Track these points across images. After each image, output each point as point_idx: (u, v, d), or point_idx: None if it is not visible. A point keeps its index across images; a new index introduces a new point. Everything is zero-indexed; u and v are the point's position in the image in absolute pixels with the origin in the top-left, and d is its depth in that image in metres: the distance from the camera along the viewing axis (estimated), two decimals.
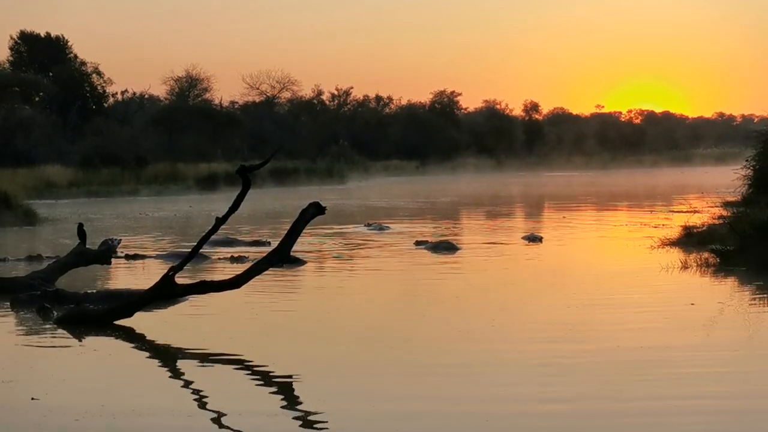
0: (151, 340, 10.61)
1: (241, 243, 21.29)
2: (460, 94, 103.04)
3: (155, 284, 11.44)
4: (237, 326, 11.38)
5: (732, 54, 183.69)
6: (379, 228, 25.42)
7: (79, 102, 73.04)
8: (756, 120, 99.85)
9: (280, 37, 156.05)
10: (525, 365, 8.94)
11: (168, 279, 11.26)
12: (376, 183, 67.11)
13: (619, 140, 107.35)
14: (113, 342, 10.65)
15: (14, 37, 79.06)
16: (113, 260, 15.85)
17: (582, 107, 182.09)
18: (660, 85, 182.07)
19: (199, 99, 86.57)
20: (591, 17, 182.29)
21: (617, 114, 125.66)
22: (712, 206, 22.94)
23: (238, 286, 11.49)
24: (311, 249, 19.83)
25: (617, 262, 17.73)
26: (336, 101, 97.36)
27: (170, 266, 11.69)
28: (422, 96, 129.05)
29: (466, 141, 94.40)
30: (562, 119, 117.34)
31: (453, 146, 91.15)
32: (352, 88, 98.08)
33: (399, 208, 36.84)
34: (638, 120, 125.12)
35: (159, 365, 9.60)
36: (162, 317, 11.91)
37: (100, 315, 11.37)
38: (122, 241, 19.51)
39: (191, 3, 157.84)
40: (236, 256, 18.16)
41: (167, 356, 9.91)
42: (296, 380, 8.55)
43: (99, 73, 78.11)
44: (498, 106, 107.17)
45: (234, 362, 9.38)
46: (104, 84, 78.72)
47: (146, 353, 10.15)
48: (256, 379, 8.74)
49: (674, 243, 19.24)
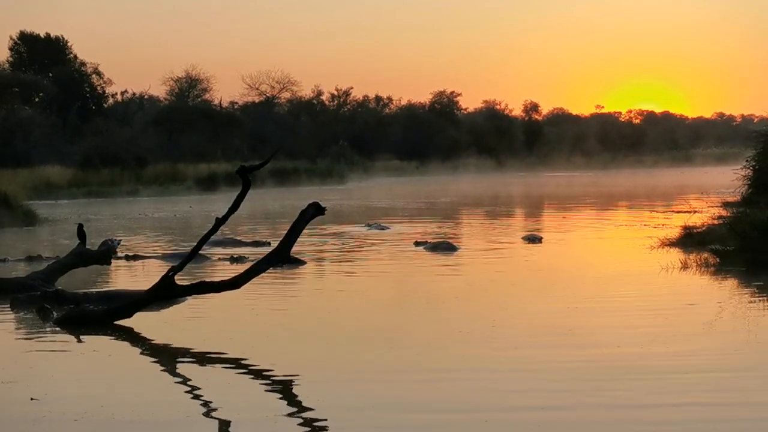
0: (151, 341, 10.61)
1: (241, 243, 21.30)
2: (460, 95, 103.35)
3: (155, 285, 11.44)
4: (237, 326, 11.37)
5: (732, 54, 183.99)
6: (379, 228, 25.42)
7: (79, 102, 73.13)
8: (756, 120, 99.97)
9: (280, 37, 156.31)
10: (526, 367, 8.92)
11: (168, 279, 11.26)
12: (376, 183, 67.10)
13: (619, 140, 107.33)
14: (113, 342, 10.65)
15: (14, 38, 79.23)
16: (113, 261, 15.87)
17: (582, 107, 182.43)
18: (660, 85, 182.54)
19: (199, 99, 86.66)
20: (591, 17, 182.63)
21: (617, 114, 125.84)
22: (712, 206, 22.93)
23: (238, 287, 11.50)
24: (311, 249, 19.83)
25: (617, 263, 17.72)
26: (336, 101, 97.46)
27: (170, 267, 11.69)
28: (422, 96, 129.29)
29: (466, 141, 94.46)
30: (562, 119, 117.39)
31: (453, 147, 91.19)
32: (352, 89, 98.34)
33: (399, 209, 36.85)
34: (638, 120, 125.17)
35: (159, 366, 9.60)
36: (162, 318, 11.91)
37: (100, 315, 11.37)
38: (122, 242, 19.55)
39: (191, 3, 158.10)
40: (236, 257, 18.16)
41: (167, 357, 9.90)
42: (296, 381, 8.54)
43: (99, 74, 78.29)
44: (498, 107, 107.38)
45: (234, 362, 9.38)
46: (104, 84, 78.93)
47: (146, 354, 10.15)
48: (256, 380, 8.74)
49: (674, 243, 19.24)
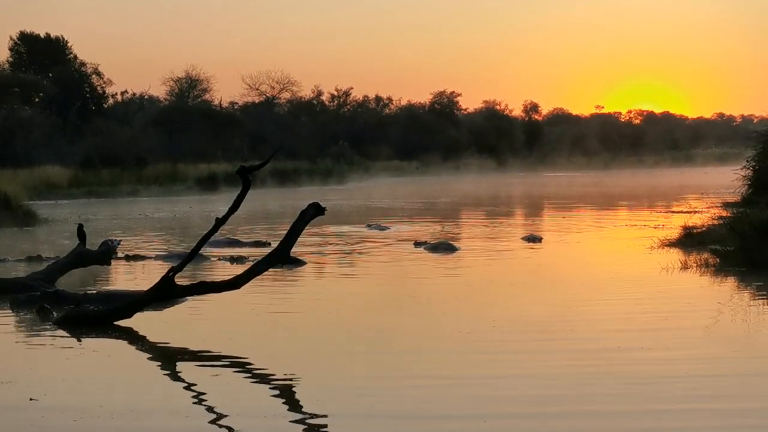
0: (151, 341, 10.61)
1: (241, 243, 21.29)
2: (460, 95, 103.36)
3: (155, 285, 11.43)
4: (237, 327, 11.37)
5: (732, 54, 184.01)
6: (379, 228, 25.42)
7: (79, 102, 73.10)
8: (756, 120, 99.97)
9: (280, 37, 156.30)
10: (527, 368, 8.91)
11: (168, 279, 11.26)
12: (376, 183, 67.09)
13: (619, 140, 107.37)
14: (113, 342, 10.65)
15: (14, 38, 79.21)
16: (113, 261, 15.86)
17: (582, 107, 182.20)
18: (660, 85, 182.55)
19: (199, 99, 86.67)
20: (591, 17, 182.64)
21: (617, 114, 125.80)
22: (712, 206, 22.93)
23: (238, 287, 11.49)
24: (311, 250, 19.83)
25: (617, 263, 17.73)
26: (336, 102, 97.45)
27: (170, 267, 11.68)
28: (422, 96, 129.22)
29: (466, 141, 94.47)
30: (562, 119, 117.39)
31: (453, 147, 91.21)
32: (352, 89, 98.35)
33: (399, 209, 36.84)
34: (638, 120, 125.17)
35: (158, 366, 9.59)
36: (162, 318, 11.90)
37: (100, 316, 11.36)
38: (122, 242, 19.53)
39: (191, 3, 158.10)
40: (236, 257, 18.16)
41: (167, 357, 9.90)
42: (296, 381, 8.54)
43: (99, 74, 78.26)
44: (498, 107, 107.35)
45: (233, 363, 9.37)
46: (104, 84, 78.91)
47: (146, 354, 10.15)
48: (256, 380, 8.73)
49: (674, 243, 19.24)
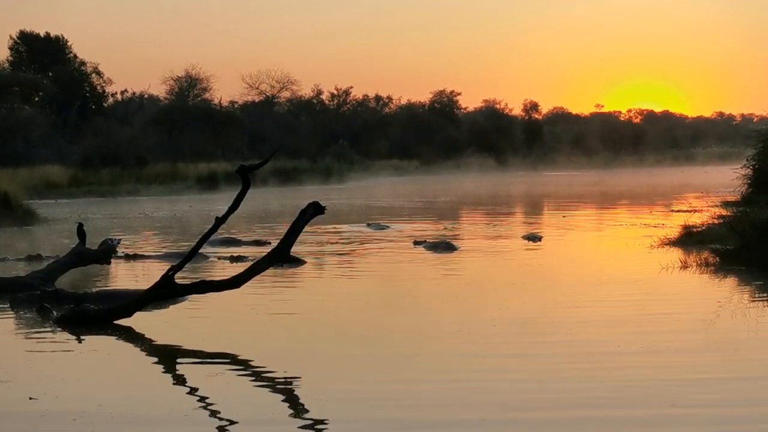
0: (151, 340, 10.60)
1: (241, 243, 21.28)
2: (460, 94, 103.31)
3: (155, 284, 11.43)
4: (237, 326, 11.36)
5: (732, 54, 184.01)
6: (379, 227, 25.42)
7: (79, 102, 73.07)
8: (756, 120, 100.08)
9: (280, 37, 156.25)
10: (527, 369, 8.90)
11: (168, 279, 11.25)
12: (376, 182, 67.07)
13: (619, 140, 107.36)
14: (112, 342, 10.65)
15: (14, 37, 79.19)
16: (113, 260, 15.86)
17: (582, 107, 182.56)
18: (660, 85, 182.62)
19: (199, 99, 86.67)
20: (591, 17, 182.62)
21: (617, 114, 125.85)
22: (712, 206, 22.92)
23: (238, 286, 11.49)
24: (311, 249, 19.82)
25: (617, 262, 17.72)
26: (335, 101, 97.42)
27: (170, 266, 11.68)
28: (422, 96, 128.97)
29: (466, 140, 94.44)
30: (562, 119, 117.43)
31: (453, 146, 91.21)
32: (352, 88, 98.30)
33: (399, 208, 36.84)
34: (638, 120, 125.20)
35: (158, 366, 9.59)
36: (161, 317, 11.90)
37: (100, 315, 11.36)
38: (122, 241, 19.53)
39: (191, 3, 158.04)
40: (236, 256, 18.15)
41: (166, 356, 9.89)
42: (296, 381, 8.53)
43: (99, 73, 78.22)
44: (498, 106, 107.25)
45: (233, 362, 9.37)
46: (104, 84, 78.86)
47: (145, 353, 10.14)
48: (256, 380, 8.72)
49: (674, 242, 19.24)
